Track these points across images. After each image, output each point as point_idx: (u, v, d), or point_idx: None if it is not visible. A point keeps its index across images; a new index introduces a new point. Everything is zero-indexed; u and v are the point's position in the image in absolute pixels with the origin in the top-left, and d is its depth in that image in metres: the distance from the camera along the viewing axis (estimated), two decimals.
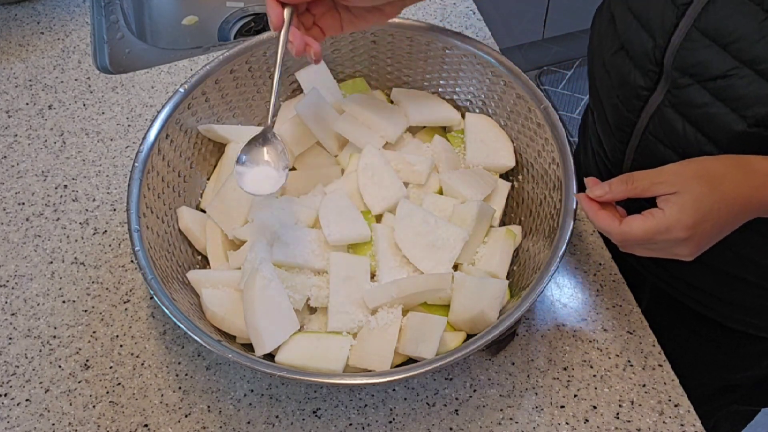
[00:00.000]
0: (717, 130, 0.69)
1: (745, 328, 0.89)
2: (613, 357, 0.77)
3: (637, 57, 0.74)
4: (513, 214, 0.84)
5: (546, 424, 0.73)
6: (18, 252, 0.88)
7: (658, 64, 0.72)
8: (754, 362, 0.95)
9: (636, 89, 0.76)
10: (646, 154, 0.79)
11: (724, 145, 0.69)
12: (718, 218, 0.62)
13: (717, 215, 0.62)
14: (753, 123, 0.66)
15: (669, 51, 0.70)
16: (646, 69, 0.74)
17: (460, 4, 1.12)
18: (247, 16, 1.33)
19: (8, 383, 0.79)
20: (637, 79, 0.75)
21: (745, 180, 0.63)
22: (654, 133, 0.76)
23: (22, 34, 1.13)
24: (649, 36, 0.72)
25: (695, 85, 0.69)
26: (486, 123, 0.86)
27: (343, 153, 0.86)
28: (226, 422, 0.75)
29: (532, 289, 0.68)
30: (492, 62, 0.83)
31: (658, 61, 0.72)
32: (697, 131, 0.71)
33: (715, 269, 0.81)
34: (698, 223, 0.62)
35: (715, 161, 0.65)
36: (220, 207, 0.80)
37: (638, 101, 0.76)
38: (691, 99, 0.70)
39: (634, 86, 0.76)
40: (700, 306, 0.89)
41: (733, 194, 0.63)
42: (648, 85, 0.74)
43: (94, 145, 0.98)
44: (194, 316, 0.70)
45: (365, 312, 0.73)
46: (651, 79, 0.74)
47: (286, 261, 0.74)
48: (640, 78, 0.75)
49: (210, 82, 0.84)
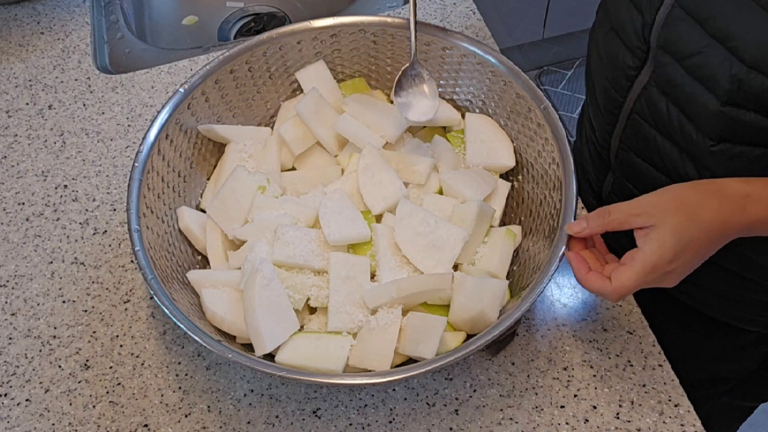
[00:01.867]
0: (695, 109, 0.70)
1: (728, 319, 0.89)
2: (613, 357, 0.77)
3: (627, 36, 0.75)
4: (513, 214, 0.84)
5: (546, 424, 0.73)
6: (18, 252, 0.88)
7: (646, 42, 0.72)
8: (741, 355, 0.96)
9: (624, 69, 0.76)
10: (633, 135, 0.80)
11: (703, 125, 0.70)
12: (698, 247, 0.63)
13: (697, 244, 0.63)
14: (725, 101, 0.66)
15: (654, 28, 0.71)
16: (634, 47, 0.74)
17: (460, 4, 1.12)
18: (247, 16, 1.33)
19: (8, 383, 0.79)
20: (626, 58, 0.76)
21: (720, 207, 0.63)
22: (640, 114, 0.77)
23: (22, 34, 1.13)
24: (638, 13, 0.72)
25: (674, 64, 0.70)
26: (486, 123, 0.86)
27: (343, 153, 0.86)
28: (226, 422, 0.75)
29: (532, 289, 0.68)
30: (492, 62, 0.83)
31: (645, 39, 0.72)
32: (680, 111, 0.72)
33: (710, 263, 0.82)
34: (679, 255, 0.63)
35: (689, 189, 0.66)
36: (220, 207, 0.80)
37: (626, 81, 0.77)
38: (672, 78, 0.71)
39: (622, 66, 0.76)
40: (684, 296, 0.90)
41: (710, 222, 0.63)
42: (635, 64, 0.75)
43: (94, 145, 0.98)
44: (194, 316, 0.70)
45: (365, 312, 0.73)
46: (639, 58, 0.74)
47: (286, 261, 0.74)
48: (629, 57, 0.75)
49: (210, 82, 0.84)
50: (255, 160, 0.85)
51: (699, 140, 0.71)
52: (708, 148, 0.70)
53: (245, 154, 0.85)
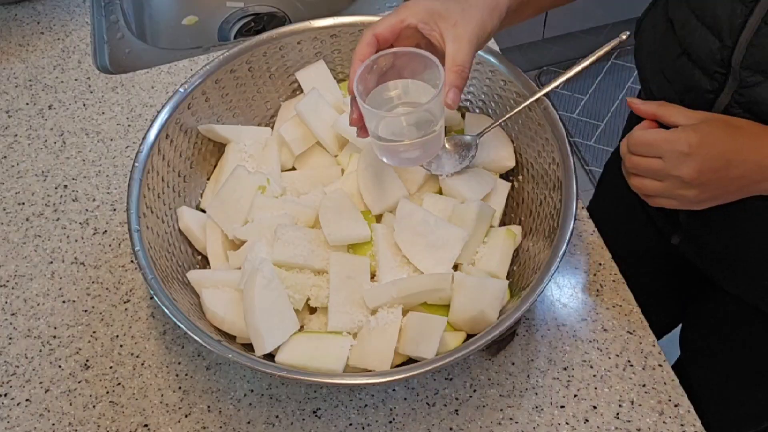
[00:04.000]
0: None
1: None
2: (613, 357, 0.77)
3: (702, 60, 0.74)
4: (513, 214, 0.84)
5: (546, 424, 0.73)
6: (18, 252, 0.88)
7: (725, 65, 0.71)
8: None
9: (702, 93, 0.75)
10: None
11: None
12: (725, 153, 0.64)
13: (724, 149, 0.64)
14: None
15: (737, 50, 0.69)
16: (711, 71, 0.73)
17: None
18: (247, 16, 1.33)
19: (8, 383, 0.79)
20: (702, 82, 0.74)
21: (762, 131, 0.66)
22: None
23: (22, 34, 1.13)
24: (714, 37, 0.71)
25: (766, 82, 0.69)
26: (486, 123, 0.86)
27: (343, 153, 0.86)
28: (226, 422, 0.75)
29: (532, 289, 0.68)
30: (492, 62, 0.83)
31: (725, 62, 0.71)
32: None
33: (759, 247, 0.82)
34: (703, 144, 0.64)
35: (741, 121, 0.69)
36: (220, 207, 0.80)
37: (705, 105, 0.75)
38: (761, 97, 0.70)
39: (699, 90, 0.75)
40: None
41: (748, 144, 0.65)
42: (714, 87, 0.74)
43: (94, 145, 0.98)
44: (194, 316, 0.70)
45: (365, 312, 0.73)
46: (717, 81, 0.73)
47: (286, 261, 0.74)
48: (706, 81, 0.74)
49: (210, 82, 0.84)
50: (255, 160, 0.85)
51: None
52: None
53: (245, 154, 0.85)
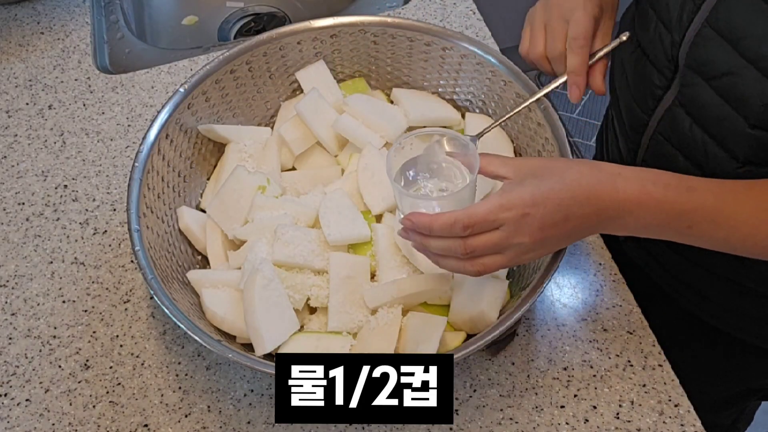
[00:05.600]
0: (721, 130, 0.69)
1: (759, 341, 0.87)
2: (613, 357, 0.77)
3: (655, 54, 0.74)
4: None
5: (546, 424, 0.73)
6: (18, 252, 0.88)
7: (674, 61, 0.71)
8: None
9: (651, 88, 0.75)
10: (655, 155, 0.78)
11: (729, 146, 0.68)
12: (560, 202, 0.61)
13: (558, 197, 0.61)
14: (754, 124, 0.65)
15: (683, 47, 0.69)
16: (662, 66, 0.73)
17: (460, 4, 1.12)
18: (247, 16, 1.33)
19: (8, 383, 0.79)
20: (653, 77, 0.75)
21: (590, 173, 0.62)
22: (663, 133, 0.76)
23: (22, 34, 1.13)
24: (667, 31, 0.71)
25: (702, 84, 0.68)
26: (486, 123, 0.86)
27: (343, 153, 0.86)
28: (226, 422, 0.75)
29: (532, 289, 0.68)
30: (492, 62, 0.83)
31: (674, 58, 0.71)
32: (704, 132, 0.70)
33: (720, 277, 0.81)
34: (537, 201, 0.60)
35: (563, 161, 0.65)
36: (220, 207, 0.80)
37: (653, 100, 0.76)
38: (698, 98, 0.69)
39: (649, 85, 0.75)
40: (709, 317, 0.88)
41: (574, 181, 0.61)
42: (663, 83, 0.74)
43: (94, 145, 0.98)
44: (194, 316, 0.70)
45: (365, 312, 0.73)
46: (666, 77, 0.73)
47: (286, 261, 0.74)
48: (656, 76, 0.74)
49: (210, 82, 0.84)
50: (255, 160, 0.85)
51: (724, 162, 0.69)
52: (733, 170, 0.69)
53: (245, 154, 0.85)
